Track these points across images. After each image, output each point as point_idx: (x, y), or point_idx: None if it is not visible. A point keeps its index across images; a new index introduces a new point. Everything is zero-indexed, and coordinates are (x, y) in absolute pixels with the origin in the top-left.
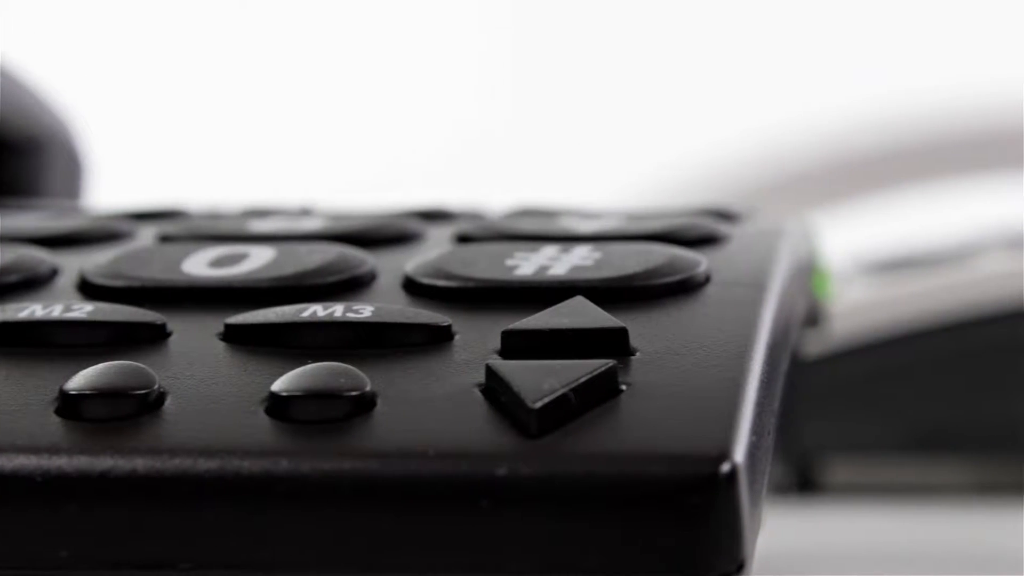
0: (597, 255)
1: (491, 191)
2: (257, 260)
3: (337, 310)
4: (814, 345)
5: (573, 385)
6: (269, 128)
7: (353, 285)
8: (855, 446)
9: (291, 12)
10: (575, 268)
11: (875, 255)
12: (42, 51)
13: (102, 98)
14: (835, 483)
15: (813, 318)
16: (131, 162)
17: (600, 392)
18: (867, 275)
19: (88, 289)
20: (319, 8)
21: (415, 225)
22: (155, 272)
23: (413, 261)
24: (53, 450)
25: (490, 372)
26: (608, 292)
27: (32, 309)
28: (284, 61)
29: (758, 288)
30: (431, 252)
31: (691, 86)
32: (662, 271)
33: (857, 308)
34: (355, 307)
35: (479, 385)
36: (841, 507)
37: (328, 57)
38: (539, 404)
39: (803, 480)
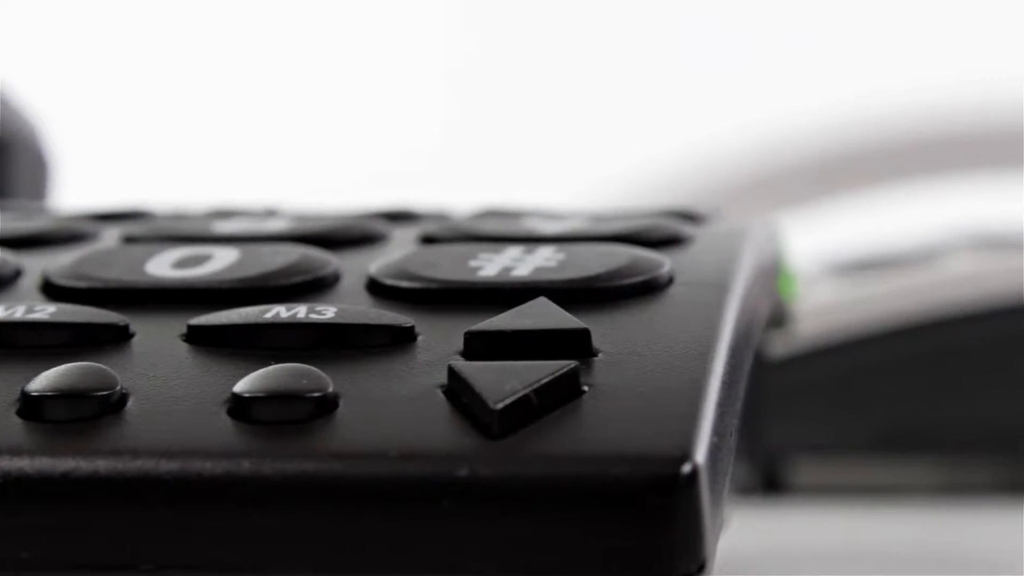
0: (560, 256)
1: (458, 192)
2: (221, 261)
3: (300, 311)
4: (780, 346)
5: (535, 386)
6: (239, 130)
7: (317, 286)
8: (821, 446)
9: (263, 14)
10: (538, 269)
11: (842, 256)
12: (6, 51)
13: (67, 97)
14: (801, 484)
15: (778, 319)
16: (97, 162)
17: (562, 393)
18: (834, 276)
19: (51, 290)
20: (289, 10)
21: (380, 226)
22: (118, 273)
23: (377, 262)
24: (14, 451)
25: (452, 373)
26: (571, 293)
27: None
28: (254, 63)
29: (721, 289)
30: (395, 253)
31: (661, 87)
32: (625, 272)
33: (824, 309)
34: (318, 308)
35: (441, 386)
36: (807, 508)
37: (298, 58)
38: (501, 405)
39: (769, 481)
